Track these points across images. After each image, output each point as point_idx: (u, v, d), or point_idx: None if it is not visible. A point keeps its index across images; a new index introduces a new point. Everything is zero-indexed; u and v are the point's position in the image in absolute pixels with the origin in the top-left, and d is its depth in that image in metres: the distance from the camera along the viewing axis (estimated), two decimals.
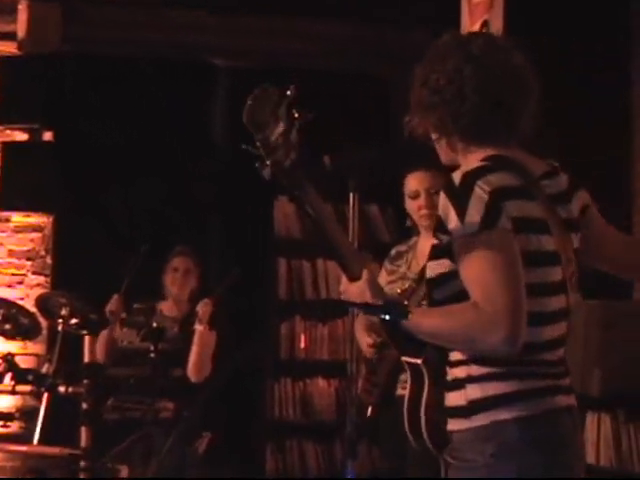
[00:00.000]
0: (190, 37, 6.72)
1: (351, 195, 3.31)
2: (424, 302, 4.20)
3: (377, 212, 6.95)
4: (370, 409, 4.34)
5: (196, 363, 5.65)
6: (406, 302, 4.29)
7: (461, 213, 2.41)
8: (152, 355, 5.46)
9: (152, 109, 6.82)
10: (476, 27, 5.11)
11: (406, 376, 4.27)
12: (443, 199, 2.47)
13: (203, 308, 5.65)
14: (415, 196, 4.44)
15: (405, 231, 4.85)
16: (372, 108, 6.93)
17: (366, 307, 4.52)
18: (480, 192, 2.42)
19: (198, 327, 5.63)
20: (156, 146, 6.82)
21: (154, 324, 5.56)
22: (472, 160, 2.55)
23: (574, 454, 2.54)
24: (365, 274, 2.53)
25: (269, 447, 6.82)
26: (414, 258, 4.39)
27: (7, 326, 5.67)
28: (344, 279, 2.58)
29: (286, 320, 6.95)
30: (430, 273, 2.56)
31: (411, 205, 4.48)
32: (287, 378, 6.91)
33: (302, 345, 6.93)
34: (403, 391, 4.24)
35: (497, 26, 4.91)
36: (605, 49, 5.38)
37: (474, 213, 2.40)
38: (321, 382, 6.93)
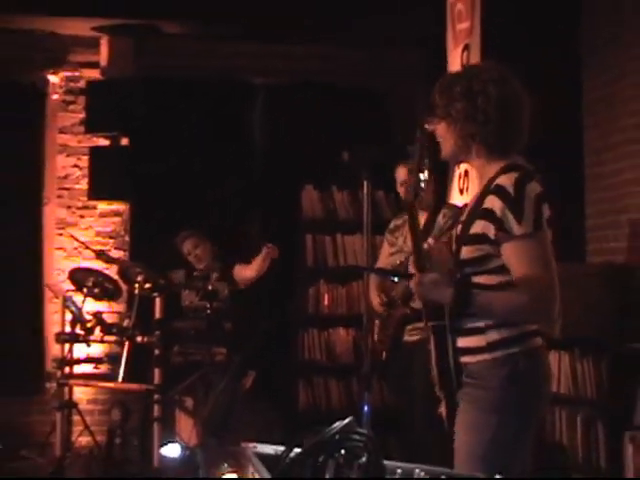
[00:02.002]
0: (234, 62, 6.67)
1: (365, 183, 3.30)
2: None
3: (383, 196, 6.72)
4: (384, 354, 4.46)
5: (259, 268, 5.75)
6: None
7: (519, 217, 2.46)
8: (208, 312, 5.59)
9: (203, 120, 6.76)
10: (459, 50, 5.03)
11: (411, 326, 4.41)
12: (497, 202, 2.48)
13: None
14: (403, 184, 4.54)
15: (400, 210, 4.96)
16: (376, 115, 6.82)
17: (377, 271, 4.57)
18: (530, 197, 2.47)
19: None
20: (208, 150, 6.77)
21: (209, 287, 5.70)
22: (494, 166, 2.58)
23: (550, 384, 2.72)
24: (435, 273, 2.55)
25: (300, 383, 6.72)
26: (408, 233, 4.27)
27: (96, 290, 5.83)
28: (417, 273, 2.56)
29: (312, 283, 6.79)
30: (466, 255, 2.57)
31: (401, 190, 4.60)
32: (314, 329, 6.76)
33: (325, 303, 6.76)
34: (409, 337, 4.46)
35: (475, 49, 4.85)
36: (562, 68, 5.49)
37: (529, 216, 2.46)
38: (341, 332, 6.75)
